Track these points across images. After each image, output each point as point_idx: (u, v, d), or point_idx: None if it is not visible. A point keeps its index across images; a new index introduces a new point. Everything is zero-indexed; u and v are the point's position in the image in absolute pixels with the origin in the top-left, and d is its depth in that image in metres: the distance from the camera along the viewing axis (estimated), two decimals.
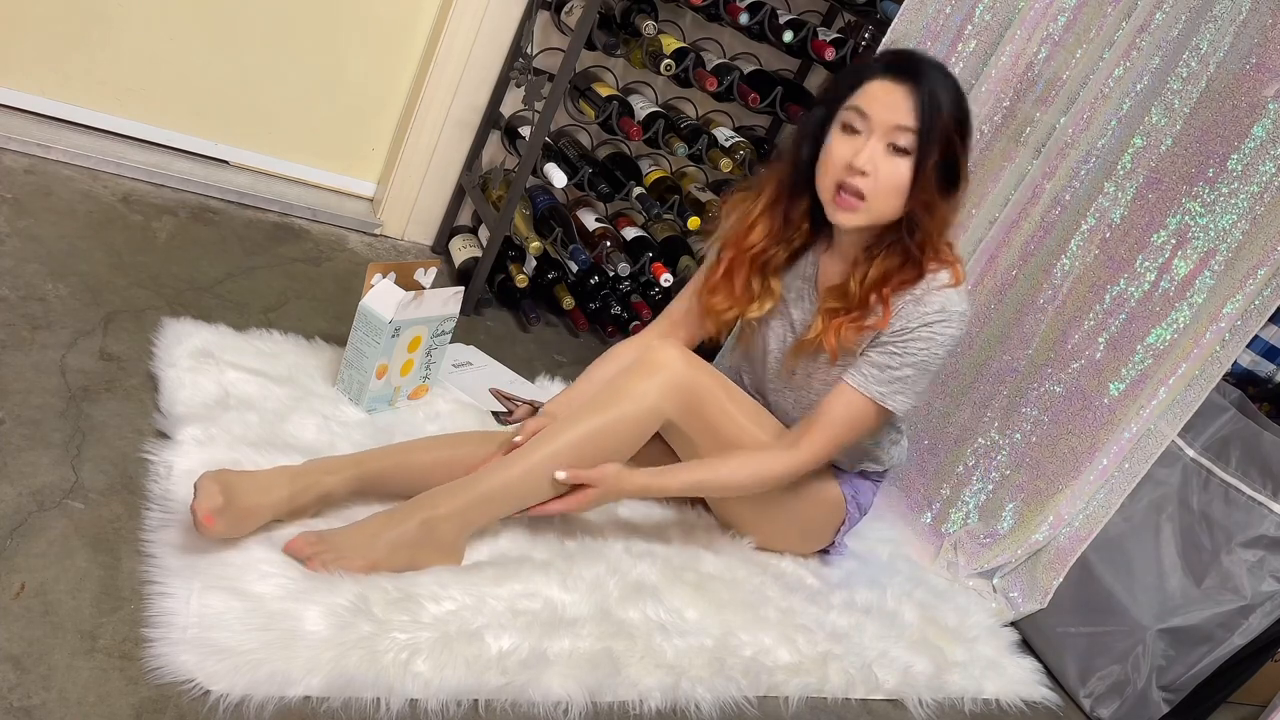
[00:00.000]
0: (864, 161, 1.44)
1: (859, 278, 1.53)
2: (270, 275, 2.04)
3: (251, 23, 2.22)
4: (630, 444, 1.52)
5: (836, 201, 1.48)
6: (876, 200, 1.47)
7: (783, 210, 1.60)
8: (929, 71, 1.46)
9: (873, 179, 1.45)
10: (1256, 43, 1.79)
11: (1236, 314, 1.76)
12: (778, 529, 1.74)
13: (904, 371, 1.53)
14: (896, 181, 1.46)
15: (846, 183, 1.46)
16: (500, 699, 1.26)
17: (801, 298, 1.65)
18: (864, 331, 1.53)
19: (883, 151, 1.45)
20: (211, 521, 1.24)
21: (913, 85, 1.44)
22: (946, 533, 2.09)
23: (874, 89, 1.46)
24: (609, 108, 2.23)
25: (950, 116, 1.45)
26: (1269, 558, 1.72)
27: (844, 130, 1.48)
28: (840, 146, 1.48)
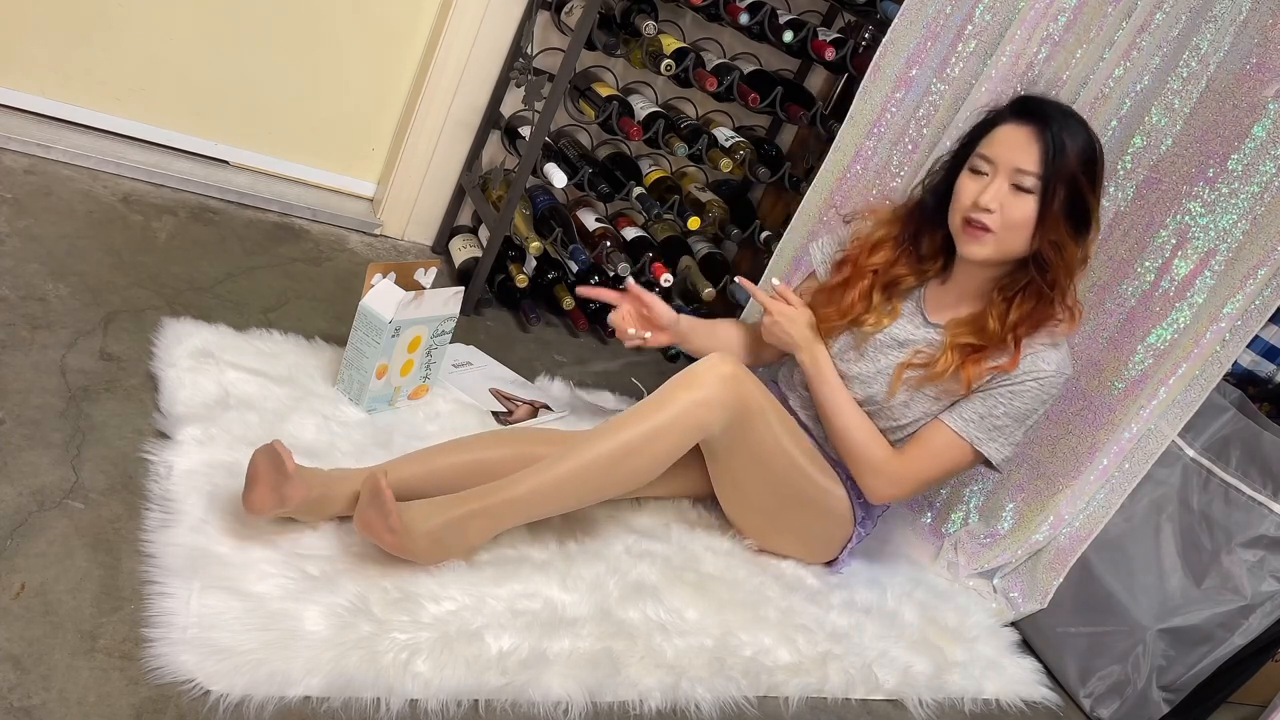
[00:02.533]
0: (988, 200, 1.54)
1: (997, 316, 1.60)
2: (270, 275, 2.04)
3: (251, 23, 2.23)
4: (669, 455, 1.51)
5: (965, 233, 1.58)
6: (1002, 234, 1.55)
7: (911, 237, 1.71)
8: (1054, 115, 1.55)
9: (998, 215, 1.54)
10: (1256, 43, 1.79)
11: (1236, 314, 1.76)
12: (784, 540, 1.75)
13: (1002, 421, 1.61)
14: (1021, 218, 1.54)
15: (973, 218, 1.56)
16: (500, 699, 1.26)
17: (907, 318, 1.71)
18: (992, 371, 1.60)
19: (1007, 190, 1.54)
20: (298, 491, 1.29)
21: (1037, 128, 1.53)
22: (946, 533, 2.09)
23: (1001, 134, 1.57)
24: (609, 108, 2.23)
25: (1075, 159, 1.53)
26: (1269, 558, 1.72)
27: (972, 173, 1.59)
28: (968, 185, 1.58)
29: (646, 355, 2.47)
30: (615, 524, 1.66)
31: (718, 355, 1.56)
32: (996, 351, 1.60)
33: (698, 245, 2.53)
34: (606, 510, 1.67)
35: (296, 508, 1.32)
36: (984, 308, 1.64)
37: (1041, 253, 1.56)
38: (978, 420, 1.61)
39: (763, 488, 1.66)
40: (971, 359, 1.60)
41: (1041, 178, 1.52)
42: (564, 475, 1.44)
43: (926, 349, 1.66)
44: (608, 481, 1.49)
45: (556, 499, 1.47)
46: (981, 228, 1.55)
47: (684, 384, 1.52)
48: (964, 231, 1.58)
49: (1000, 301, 1.62)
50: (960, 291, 1.68)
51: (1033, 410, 1.61)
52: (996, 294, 1.63)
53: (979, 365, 1.60)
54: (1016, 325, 1.59)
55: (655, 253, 2.39)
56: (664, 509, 1.76)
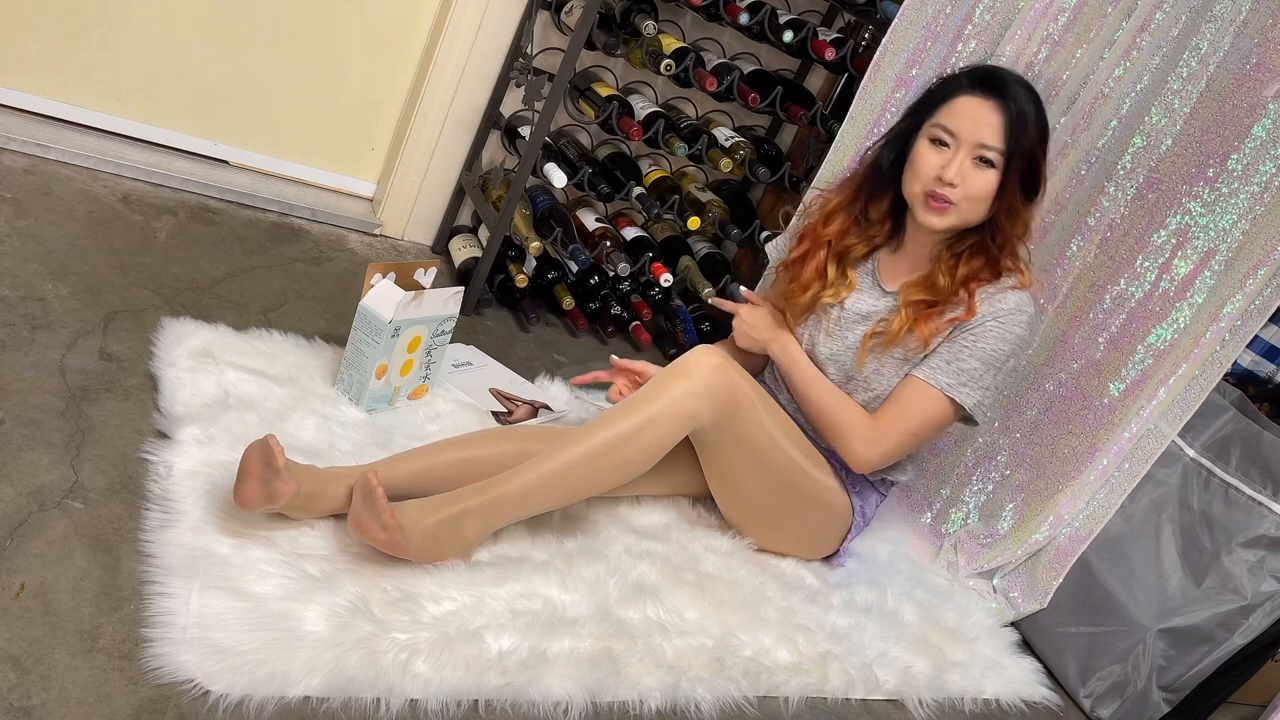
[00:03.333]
0: (953, 174, 1.55)
1: (946, 271, 1.62)
2: (270, 275, 2.04)
3: (251, 23, 2.23)
4: (660, 445, 1.52)
5: (927, 205, 1.59)
6: (965, 206, 1.58)
7: (862, 206, 1.72)
8: (1014, 89, 1.56)
9: (961, 189, 1.56)
10: (1256, 43, 1.79)
11: (1236, 314, 1.76)
12: (784, 537, 1.75)
13: (970, 364, 1.60)
14: (984, 191, 1.57)
15: (936, 191, 1.57)
16: (500, 699, 1.26)
17: (863, 291, 1.72)
18: (952, 324, 1.61)
19: (970, 164, 1.56)
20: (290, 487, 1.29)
21: (999, 103, 1.55)
22: (946, 533, 2.09)
23: (961, 105, 1.57)
24: (609, 108, 2.23)
25: (1034, 132, 1.57)
26: (1269, 558, 1.72)
27: (933, 143, 1.59)
28: (929, 157, 1.58)
29: (646, 355, 2.47)
30: (615, 524, 1.66)
31: (705, 347, 1.57)
32: (950, 306, 1.62)
33: (698, 245, 2.53)
34: (606, 510, 1.67)
35: (287, 504, 1.32)
36: (933, 266, 1.66)
37: (996, 219, 1.60)
38: (944, 367, 1.61)
39: (757, 482, 1.66)
40: (924, 315, 1.62)
41: (1004, 153, 1.55)
42: (557, 469, 1.45)
43: (887, 315, 1.68)
44: (600, 473, 1.49)
45: (550, 493, 1.47)
46: (944, 200, 1.57)
47: (672, 375, 1.53)
48: (926, 203, 1.59)
49: (949, 258, 1.64)
50: (912, 259, 1.71)
51: (999, 352, 1.61)
52: (945, 251, 1.65)
53: (933, 321, 1.62)
54: (967, 280, 1.62)
55: (655, 253, 2.39)
56: (664, 509, 1.76)
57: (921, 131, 1.61)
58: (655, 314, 2.53)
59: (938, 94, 1.61)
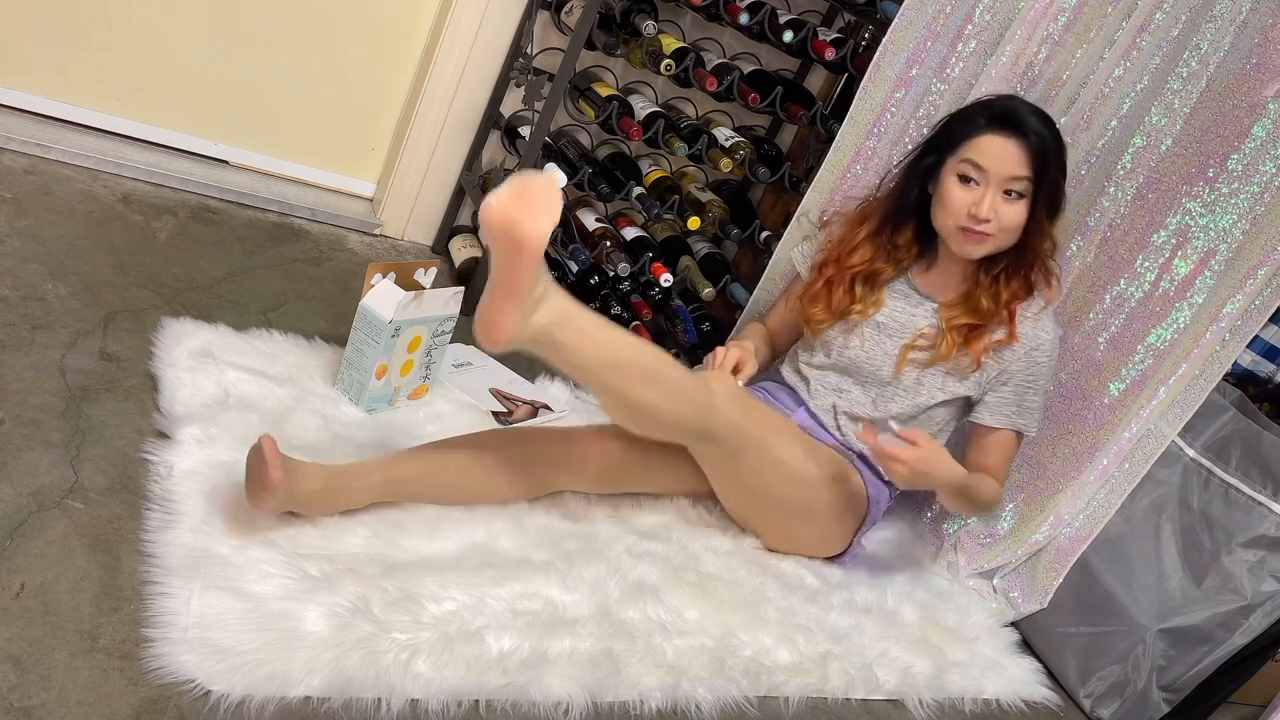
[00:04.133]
0: (986, 211, 1.64)
1: (990, 296, 1.74)
2: (270, 275, 2.04)
3: (251, 23, 2.22)
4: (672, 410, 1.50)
5: (964, 237, 1.68)
6: (1001, 237, 1.68)
7: (887, 238, 1.81)
8: (1031, 122, 1.65)
9: (996, 222, 1.65)
10: (1256, 43, 1.79)
11: (1236, 314, 1.76)
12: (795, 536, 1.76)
13: (1033, 401, 1.77)
14: (1017, 222, 1.67)
15: (971, 228, 1.66)
16: (501, 699, 1.26)
17: (898, 300, 1.81)
18: (995, 344, 1.74)
19: (1001, 199, 1.65)
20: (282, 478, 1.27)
21: (1021, 140, 1.64)
22: (946, 533, 2.09)
23: (986, 144, 1.65)
24: (609, 108, 2.22)
25: (1055, 159, 1.67)
26: (1269, 558, 1.72)
27: (961, 180, 1.67)
28: (959, 194, 1.67)
29: None
30: (615, 524, 1.66)
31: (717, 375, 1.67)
32: (993, 326, 1.74)
33: (698, 245, 2.53)
34: (607, 510, 1.67)
35: (301, 502, 1.33)
36: (971, 287, 1.76)
37: (1026, 240, 1.70)
38: (1015, 411, 1.77)
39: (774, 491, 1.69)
40: (973, 337, 1.73)
41: (1032, 182, 1.65)
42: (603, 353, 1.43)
43: (927, 330, 1.77)
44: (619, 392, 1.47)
45: None
46: (982, 234, 1.66)
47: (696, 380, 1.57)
48: (963, 236, 1.68)
49: (988, 280, 1.75)
50: (945, 273, 1.80)
51: (1049, 379, 1.79)
52: (983, 274, 1.75)
53: (982, 340, 1.73)
54: (1010, 301, 1.73)
55: (655, 253, 2.38)
56: (664, 509, 1.76)
57: (947, 168, 1.69)
58: (655, 314, 2.53)
59: (958, 131, 1.69)
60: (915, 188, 1.77)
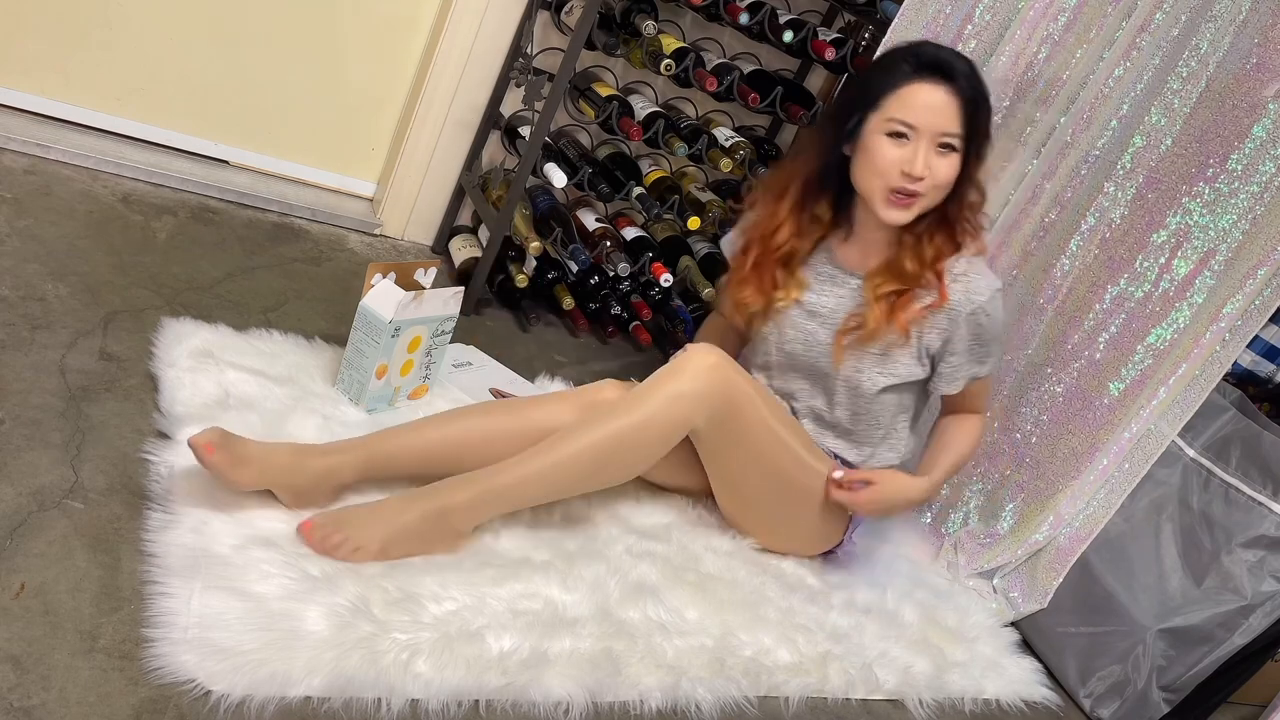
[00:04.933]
0: (921, 168, 1.52)
1: (912, 256, 1.60)
2: (270, 275, 2.04)
3: (251, 23, 2.22)
4: (654, 448, 1.52)
5: (891, 201, 1.56)
6: (931, 195, 1.56)
7: (809, 208, 1.68)
8: (960, 67, 1.54)
9: (929, 180, 1.54)
10: (1256, 43, 1.79)
11: (1236, 314, 1.76)
12: (787, 533, 1.75)
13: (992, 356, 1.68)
14: (950, 177, 1.56)
15: (904, 187, 1.54)
16: (501, 699, 1.26)
17: (823, 283, 1.70)
18: (929, 311, 1.61)
19: (934, 154, 1.54)
20: (211, 450, 1.27)
21: (951, 87, 1.52)
22: (946, 533, 2.09)
23: (913, 95, 1.52)
24: (609, 108, 2.22)
25: (986, 107, 1.56)
26: (1269, 558, 1.72)
27: (891, 137, 1.54)
28: (890, 152, 1.54)
29: (646, 355, 2.47)
30: (616, 524, 1.66)
31: (703, 346, 1.56)
32: (920, 291, 1.61)
33: (698, 245, 2.53)
34: (607, 510, 1.67)
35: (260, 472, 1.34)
36: (895, 252, 1.63)
37: (955, 190, 1.59)
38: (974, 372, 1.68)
39: (758, 480, 1.66)
40: (899, 305, 1.60)
41: (965, 136, 1.54)
42: (547, 467, 1.45)
43: (855, 310, 1.66)
44: (592, 474, 1.50)
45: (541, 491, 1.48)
46: (911, 195, 1.54)
47: (668, 376, 1.52)
48: (889, 201, 1.56)
49: (912, 241, 1.61)
50: (865, 243, 1.68)
51: (1001, 330, 1.68)
52: (906, 235, 1.62)
53: (909, 309, 1.60)
54: (935, 260, 1.60)
55: (655, 253, 2.38)
56: (664, 509, 1.76)
57: (871, 125, 1.55)
58: (655, 314, 2.53)
59: (881, 83, 1.55)
60: (836, 149, 1.61)
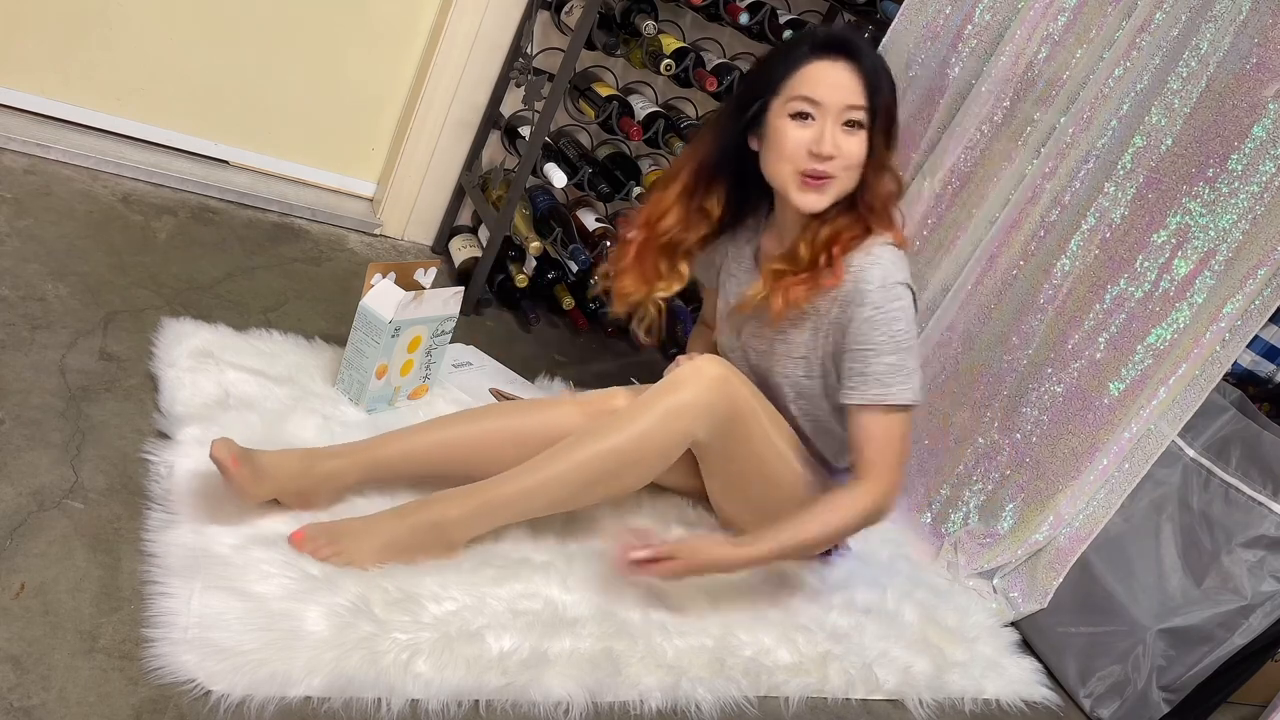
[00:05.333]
0: (829, 146, 1.46)
1: (808, 241, 1.51)
2: (270, 275, 2.04)
3: (252, 23, 2.22)
4: (656, 464, 1.51)
5: (803, 185, 1.49)
6: (844, 177, 1.49)
7: (698, 198, 1.61)
8: (860, 44, 1.50)
9: (840, 159, 1.47)
10: (1256, 43, 1.79)
11: (1236, 314, 1.76)
12: None
13: (884, 362, 1.47)
14: (860, 155, 1.48)
15: (813, 169, 1.47)
16: (501, 699, 1.26)
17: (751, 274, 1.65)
18: (816, 290, 1.50)
19: (841, 131, 1.47)
20: (236, 464, 1.28)
21: (852, 62, 1.47)
22: (946, 533, 2.09)
23: (815, 73, 1.47)
24: (609, 108, 2.22)
25: (888, 83, 1.50)
26: (1269, 558, 1.72)
27: (795, 118, 1.47)
28: (796, 134, 1.47)
29: (645, 355, 2.47)
30: (616, 524, 1.66)
31: (706, 358, 1.54)
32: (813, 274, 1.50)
33: None
34: (607, 510, 1.67)
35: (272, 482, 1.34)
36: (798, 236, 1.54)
37: (864, 178, 1.50)
38: (862, 380, 1.48)
39: (756, 490, 1.65)
40: (783, 284, 1.51)
41: (869, 110, 1.47)
42: (547, 481, 1.44)
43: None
44: (590, 490, 1.49)
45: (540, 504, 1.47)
46: (823, 176, 1.47)
47: (669, 389, 1.50)
48: (802, 184, 1.48)
49: (815, 225, 1.52)
50: (783, 230, 1.61)
51: (900, 332, 1.47)
52: (815, 220, 1.53)
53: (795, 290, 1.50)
54: (830, 242, 1.49)
55: None
56: (664, 509, 1.76)
57: (774, 110, 1.49)
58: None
59: (781, 67, 1.49)
60: (732, 140, 1.55)
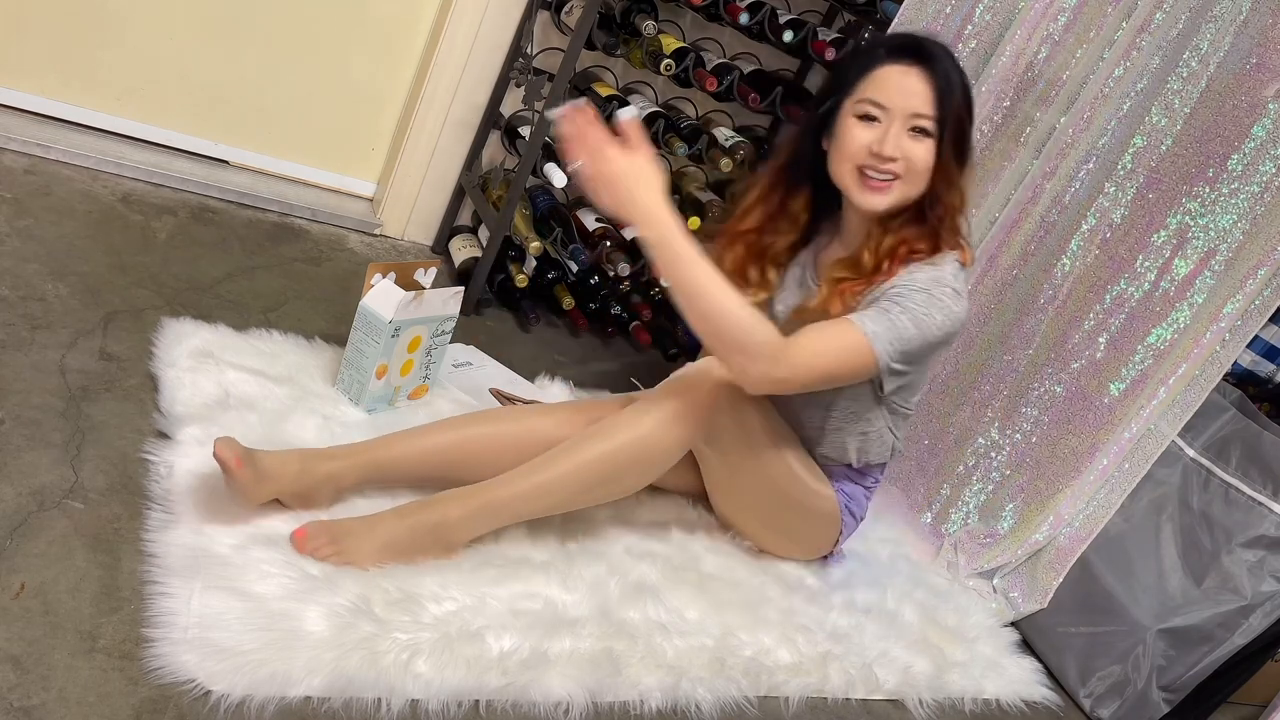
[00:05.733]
0: (892, 149, 1.46)
1: (872, 248, 1.51)
2: (270, 275, 2.04)
3: (252, 23, 2.22)
4: (656, 467, 1.51)
5: (865, 185, 1.49)
6: (906, 181, 1.49)
7: (779, 199, 1.62)
8: (937, 52, 1.49)
9: (903, 162, 1.47)
10: (1256, 43, 1.79)
11: (1236, 314, 1.76)
12: (777, 540, 1.75)
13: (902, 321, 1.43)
14: (924, 162, 1.48)
15: (876, 168, 1.48)
16: (501, 699, 1.26)
17: (802, 286, 1.65)
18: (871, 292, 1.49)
19: (906, 136, 1.47)
20: (240, 465, 1.28)
21: (925, 69, 1.47)
22: (946, 533, 2.09)
23: (886, 76, 1.48)
24: (609, 108, 2.22)
25: (962, 95, 1.49)
26: (1269, 558, 1.72)
27: (862, 119, 1.49)
28: (861, 134, 1.48)
29: (646, 355, 2.47)
30: (616, 524, 1.66)
31: (709, 361, 1.54)
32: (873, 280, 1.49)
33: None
34: (607, 510, 1.67)
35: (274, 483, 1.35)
36: (862, 243, 1.53)
37: (935, 189, 1.50)
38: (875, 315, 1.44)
39: (754, 495, 1.66)
40: (841, 289, 1.50)
41: (938, 119, 1.47)
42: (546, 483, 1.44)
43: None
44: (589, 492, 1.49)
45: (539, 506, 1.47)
46: (886, 176, 1.47)
47: (669, 393, 1.51)
48: (862, 184, 1.49)
49: (879, 233, 1.52)
50: (846, 243, 1.60)
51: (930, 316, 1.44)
52: (876, 228, 1.53)
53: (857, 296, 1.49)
54: (894, 250, 1.49)
55: None
56: (664, 509, 1.76)
57: (844, 110, 1.50)
58: (655, 314, 2.53)
59: (855, 68, 1.51)
60: (810, 137, 1.56)
